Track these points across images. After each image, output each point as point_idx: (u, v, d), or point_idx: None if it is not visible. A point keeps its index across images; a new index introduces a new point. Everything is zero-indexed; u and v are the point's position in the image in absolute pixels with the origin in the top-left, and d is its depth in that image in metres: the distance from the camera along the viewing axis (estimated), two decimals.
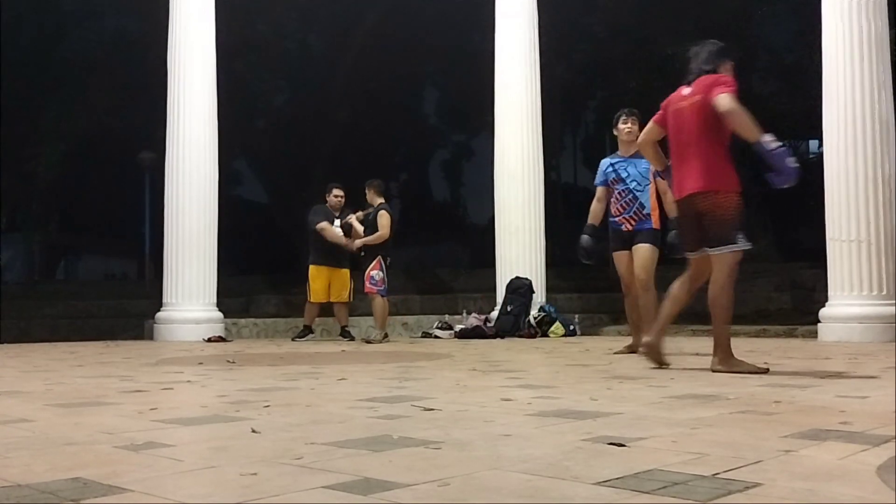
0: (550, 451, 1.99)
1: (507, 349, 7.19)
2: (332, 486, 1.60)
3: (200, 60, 9.88)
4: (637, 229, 6.06)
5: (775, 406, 2.83)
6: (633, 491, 1.54)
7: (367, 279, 8.51)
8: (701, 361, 4.78)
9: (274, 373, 4.64)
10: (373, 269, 8.49)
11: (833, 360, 5.12)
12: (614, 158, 6.18)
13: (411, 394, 3.34)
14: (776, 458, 1.86)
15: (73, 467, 1.83)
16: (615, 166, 6.12)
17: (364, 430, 2.33)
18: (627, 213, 6.08)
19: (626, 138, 6.06)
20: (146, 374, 4.72)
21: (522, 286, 9.73)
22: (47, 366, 5.41)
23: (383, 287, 8.54)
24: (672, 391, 3.35)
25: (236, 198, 21.37)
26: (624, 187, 6.07)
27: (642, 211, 6.05)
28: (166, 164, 9.94)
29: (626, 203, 6.08)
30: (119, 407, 3.02)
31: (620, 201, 6.10)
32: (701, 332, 9.51)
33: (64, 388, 3.84)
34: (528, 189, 10.15)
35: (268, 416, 2.68)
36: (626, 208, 6.08)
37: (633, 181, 6.05)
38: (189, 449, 2.15)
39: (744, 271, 14.32)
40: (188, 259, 9.65)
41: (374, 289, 8.48)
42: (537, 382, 3.92)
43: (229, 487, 1.64)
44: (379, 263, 8.50)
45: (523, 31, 10.30)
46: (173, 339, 9.32)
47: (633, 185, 6.04)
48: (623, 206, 6.09)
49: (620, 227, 6.12)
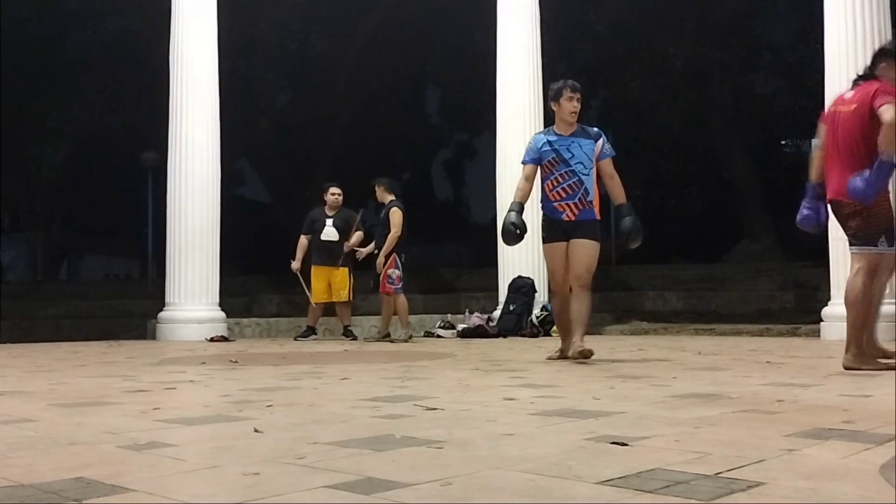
0: (553, 450, 1.99)
1: (509, 348, 7.19)
2: (334, 486, 1.60)
3: (202, 60, 9.89)
4: (580, 219, 5.26)
5: (778, 405, 2.83)
6: (636, 490, 1.53)
7: (383, 279, 8.43)
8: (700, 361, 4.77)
9: (276, 372, 4.64)
10: (389, 267, 8.42)
11: (835, 359, 5.11)
12: (551, 135, 5.37)
13: (414, 393, 3.34)
14: (779, 457, 1.85)
15: (76, 467, 1.83)
16: (554, 144, 5.30)
17: (366, 430, 2.33)
18: (571, 200, 5.25)
19: (571, 119, 5.34)
20: (149, 373, 4.73)
21: (525, 285, 9.74)
22: (50, 366, 5.41)
23: (400, 285, 8.49)
24: (675, 390, 3.34)
25: (239, 197, 21.37)
26: (567, 169, 5.24)
27: (587, 198, 5.25)
28: (169, 164, 9.95)
29: (570, 187, 5.25)
30: (122, 407, 3.03)
31: (562, 184, 5.26)
32: (702, 332, 9.51)
33: (67, 388, 3.84)
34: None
35: (270, 416, 2.68)
36: (569, 193, 5.25)
37: (579, 163, 5.25)
38: (192, 449, 2.16)
39: (746, 270, 14.28)
40: (191, 259, 9.66)
41: (391, 288, 8.44)
42: (540, 382, 3.92)
43: (232, 487, 1.64)
44: (395, 261, 8.44)
45: (525, 29, 10.29)
46: (176, 339, 9.33)
47: (578, 168, 5.24)
48: (566, 191, 5.26)
49: (560, 214, 5.27)
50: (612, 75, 18.58)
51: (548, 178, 5.31)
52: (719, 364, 4.84)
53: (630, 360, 5.32)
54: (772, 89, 18.17)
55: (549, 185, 5.30)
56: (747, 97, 17.29)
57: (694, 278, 13.44)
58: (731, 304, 11.80)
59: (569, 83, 5.40)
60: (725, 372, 4.28)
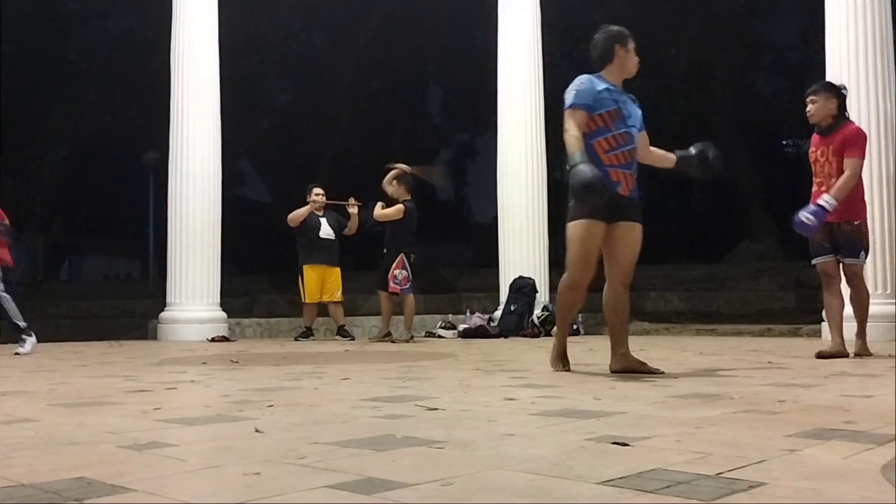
0: (554, 450, 1.99)
1: (510, 349, 7.19)
2: (335, 486, 1.60)
3: (204, 60, 9.89)
4: (632, 197, 4.21)
5: (779, 405, 2.82)
6: (637, 490, 1.53)
7: (391, 279, 8.37)
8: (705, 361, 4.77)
9: (277, 372, 4.64)
10: (395, 267, 8.36)
11: (837, 360, 5.11)
12: (604, 83, 4.21)
13: (414, 393, 3.34)
14: (780, 457, 1.85)
15: (76, 467, 1.83)
16: (613, 94, 4.19)
17: (367, 430, 2.32)
18: (628, 169, 4.17)
19: (633, 73, 4.35)
20: (149, 373, 4.73)
21: (526, 286, 9.74)
22: (51, 366, 5.41)
23: (408, 285, 8.40)
24: (676, 390, 3.34)
25: (240, 197, 21.40)
26: (625, 130, 4.15)
27: (635, 172, 4.25)
28: (170, 164, 9.95)
29: (629, 154, 4.17)
30: (122, 407, 3.02)
31: (621, 147, 4.13)
32: (704, 332, 9.51)
33: (67, 388, 3.84)
34: (532, 189, 10.15)
35: (271, 416, 2.68)
36: (627, 160, 4.16)
37: (633, 126, 4.22)
38: (192, 449, 2.15)
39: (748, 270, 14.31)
40: (192, 259, 9.66)
41: (397, 288, 8.38)
42: (540, 382, 3.92)
43: (232, 487, 1.64)
44: (402, 261, 8.36)
45: (526, 29, 10.30)
46: (177, 339, 9.33)
47: (633, 132, 4.21)
48: (625, 157, 4.14)
49: (616, 186, 4.10)
50: None
51: (601, 135, 4.11)
52: (721, 364, 4.84)
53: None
54: (773, 90, 18.20)
55: (602, 145, 4.10)
56: (749, 97, 17.30)
57: (695, 278, 13.44)
58: (733, 305, 11.79)
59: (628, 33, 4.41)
60: (727, 372, 4.27)
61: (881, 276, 7.58)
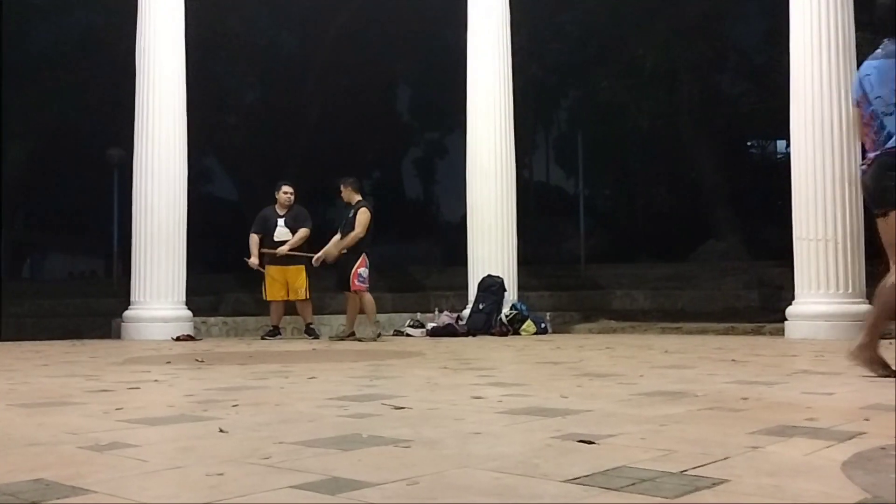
0: (520, 448, 1.99)
1: (478, 347, 7.20)
2: (300, 486, 1.59)
3: (170, 56, 9.77)
4: None
5: (743, 402, 2.86)
6: (602, 488, 1.54)
7: (354, 277, 8.40)
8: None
9: (243, 371, 4.60)
10: (359, 266, 8.40)
11: (799, 358, 5.19)
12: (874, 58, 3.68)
13: (382, 392, 3.33)
14: (743, 454, 1.87)
15: (35, 468, 1.80)
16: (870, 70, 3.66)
17: (333, 429, 2.31)
18: None
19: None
20: (112, 373, 4.66)
21: (494, 284, 9.75)
22: (11, 365, 5.32)
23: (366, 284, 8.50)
24: (641, 388, 3.37)
25: (206, 195, 21.17)
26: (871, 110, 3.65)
27: None
28: (135, 161, 9.82)
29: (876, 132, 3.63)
30: (84, 407, 2.98)
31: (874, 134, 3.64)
32: (669, 331, 9.60)
33: (28, 388, 3.78)
34: (501, 187, 10.17)
35: (236, 416, 2.66)
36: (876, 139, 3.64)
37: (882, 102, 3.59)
38: (155, 449, 2.13)
39: (713, 269, 14.42)
40: (157, 257, 9.55)
41: (362, 286, 8.42)
42: (508, 380, 3.92)
43: (195, 488, 1.62)
44: (364, 260, 8.44)
45: (495, 28, 10.31)
46: (141, 338, 9.21)
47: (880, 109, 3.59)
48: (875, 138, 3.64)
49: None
50: (582, 75, 18.71)
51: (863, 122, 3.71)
52: (685, 362, 4.89)
53: (598, 358, 5.34)
54: (739, 90, 18.39)
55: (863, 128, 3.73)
56: (715, 98, 17.49)
57: (661, 277, 13.56)
58: (698, 303, 11.92)
59: None
60: (691, 370, 4.32)
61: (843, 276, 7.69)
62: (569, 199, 21.16)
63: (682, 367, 4.55)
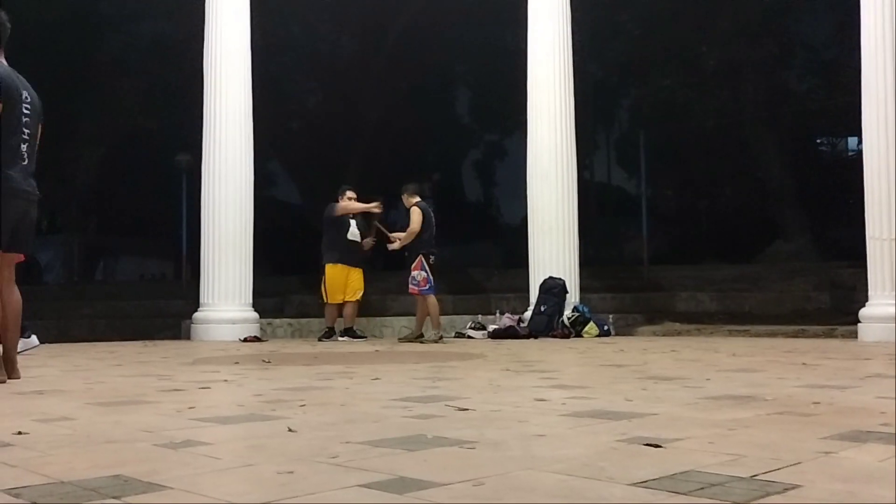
0: (585, 451, 1.98)
1: (540, 349, 7.17)
2: (367, 485, 1.61)
3: (236, 63, 9.98)
4: None
5: (814, 407, 2.79)
6: (670, 492, 1.52)
7: (409, 280, 8.50)
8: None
9: (308, 372, 4.67)
10: (414, 268, 8.46)
11: (873, 361, 5.04)
12: None
13: (445, 393, 3.34)
14: (815, 459, 1.83)
15: (113, 465, 1.86)
16: None
17: (398, 430, 2.33)
18: None
19: None
20: (184, 373, 4.79)
21: (556, 286, 9.69)
22: (87, 365, 5.50)
23: (427, 287, 8.47)
24: (708, 392, 3.31)
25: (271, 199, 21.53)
26: None
27: None
28: (203, 166, 10.06)
29: None
30: (157, 405, 3.06)
31: None
32: (736, 333, 9.40)
33: (103, 387, 3.90)
34: (561, 188, 10.10)
35: (303, 415, 2.70)
36: None
37: None
38: (226, 447, 2.18)
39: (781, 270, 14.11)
40: (224, 260, 9.76)
41: (415, 289, 8.46)
42: (571, 383, 3.90)
43: (267, 485, 1.65)
44: (420, 262, 8.45)
45: (556, 28, 10.25)
46: (210, 339, 9.43)
47: None
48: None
49: None
50: (643, 74, 18.46)
51: None
52: (754, 365, 4.79)
53: (662, 361, 5.27)
54: (806, 87, 17.95)
55: None
56: (781, 95, 17.08)
57: (727, 279, 13.30)
58: (766, 305, 11.65)
59: None
60: (760, 373, 4.23)
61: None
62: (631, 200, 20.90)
63: (750, 370, 4.46)
